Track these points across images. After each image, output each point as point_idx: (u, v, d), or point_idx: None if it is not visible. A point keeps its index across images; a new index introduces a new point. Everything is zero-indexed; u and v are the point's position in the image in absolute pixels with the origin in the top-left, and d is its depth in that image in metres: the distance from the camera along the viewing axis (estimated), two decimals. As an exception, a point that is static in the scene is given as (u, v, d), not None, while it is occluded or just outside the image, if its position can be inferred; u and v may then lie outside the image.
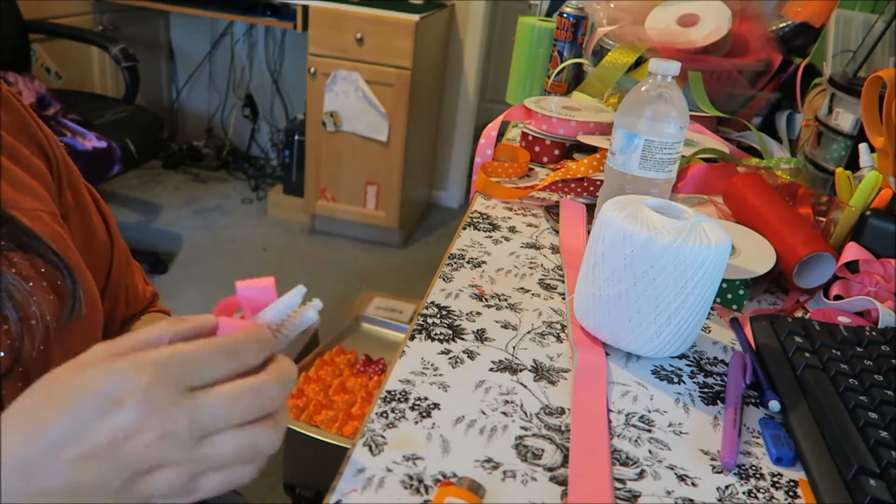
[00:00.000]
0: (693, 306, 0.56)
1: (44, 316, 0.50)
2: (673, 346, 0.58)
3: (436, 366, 0.55)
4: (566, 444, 0.49)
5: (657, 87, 0.69)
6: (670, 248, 0.54)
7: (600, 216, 0.58)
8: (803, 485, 0.47)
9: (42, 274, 0.52)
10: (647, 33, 1.15)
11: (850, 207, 0.73)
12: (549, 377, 0.56)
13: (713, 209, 0.90)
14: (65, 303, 0.53)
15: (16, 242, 0.51)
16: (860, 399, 0.51)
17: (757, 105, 1.19)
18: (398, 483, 0.43)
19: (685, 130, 0.70)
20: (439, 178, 3.32)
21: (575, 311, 0.62)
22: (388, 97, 2.59)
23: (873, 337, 0.60)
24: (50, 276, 0.52)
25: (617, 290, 0.56)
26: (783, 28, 1.16)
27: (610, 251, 0.56)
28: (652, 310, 0.56)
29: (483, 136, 1.02)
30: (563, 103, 1.08)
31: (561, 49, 1.26)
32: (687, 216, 0.58)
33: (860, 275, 0.70)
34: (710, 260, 0.54)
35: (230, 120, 3.45)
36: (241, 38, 3.29)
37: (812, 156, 0.96)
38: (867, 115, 0.83)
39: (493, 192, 0.91)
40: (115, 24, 2.89)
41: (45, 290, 0.51)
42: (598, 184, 0.91)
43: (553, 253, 0.78)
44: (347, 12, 2.52)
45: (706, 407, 0.55)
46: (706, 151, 1.00)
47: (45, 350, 0.51)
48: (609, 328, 0.58)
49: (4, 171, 0.53)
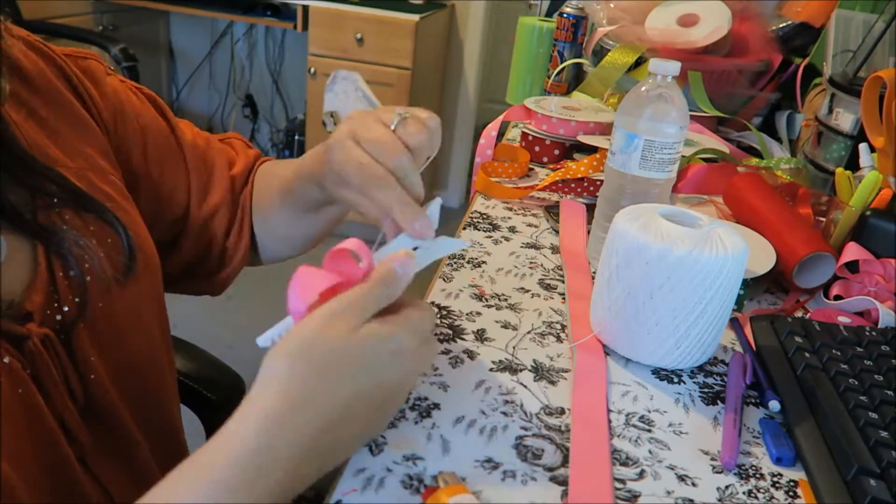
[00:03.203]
0: (712, 316, 0.55)
1: (103, 270, 0.51)
2: (693, 357, 0.57)
3: (436, 366, 0.55)
4: (566, 444, 0.48)
5: (657, 87, 0.69)
6: (687, 258, 0.53)
7: (613, 228, 0.58)
8: (803, 485, 0.47)
9: (92, 232, 0.52)
10: (647, 33, 1.15)
11: (850, 207, 0.73)
12: (549, 377, 0.56)
13: (713, 209, 0.90)
14: (118, 259, 0.53)
15: (69, 201, 0.52)
16: (860, 399, 0.51)
17: (757, 105, 1.19)
18: (398, 483, 0.43)
19: (685, 130, 0.70)
20: (439, 178, 3.32)
21: (591, 323, 0.61)
22: (388, 97, 2.58)
23: (873, 337, 0.60)
24: (101, 234, 0.53)
25: (634, 303, 0.56)
26: (783, 28, 1.16)
27: (625, 264, 0.55)
28: (670, 322, 0.55)
29: (483, 136, 1.02)
30: (563, 103, 1.08)
31: (561, 49, 1.26)
32: (701, 224, 0.57)
33: (860, 275, 0.70)
34: (728, 268, 0.53)
35: (230, 120, 3.45)
36: (241, 38, 3.30)
37: (812, 156, 0.96)
38: (867, 115, 0.83)
39: (493, 192, 0.91)
40: (115, 24, 2.89)
41: (96, 247, 0.52)
42: (598, 184, 0.91)
43: (553, 253, 0.78)
44: (347, 12, 2.52)
45: (706, 407, 0.54)
46: (706, 151, 1.00)
47: (107, 305, 0.52)
48: (627, 341, 0.58)
49: (48, 128, 0.54)
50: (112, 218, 0.54)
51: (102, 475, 0.52)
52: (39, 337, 0.47)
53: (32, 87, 0.54)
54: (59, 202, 0.51)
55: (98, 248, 0.52)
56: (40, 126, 0.53)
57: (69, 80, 0.58)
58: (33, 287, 0.48)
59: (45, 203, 0.50)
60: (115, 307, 0.53)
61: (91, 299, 0.51)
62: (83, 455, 0.50)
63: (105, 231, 0.53)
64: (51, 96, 0.55)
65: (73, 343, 0.49)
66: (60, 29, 2.47)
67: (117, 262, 0.53)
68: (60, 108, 0.56)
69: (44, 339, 0.47)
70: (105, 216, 0.53)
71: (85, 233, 0.52)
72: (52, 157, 0.52)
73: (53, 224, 0.50)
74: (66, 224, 0.51)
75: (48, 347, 0.47)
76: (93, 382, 0.51)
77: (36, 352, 0.46)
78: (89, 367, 0.50)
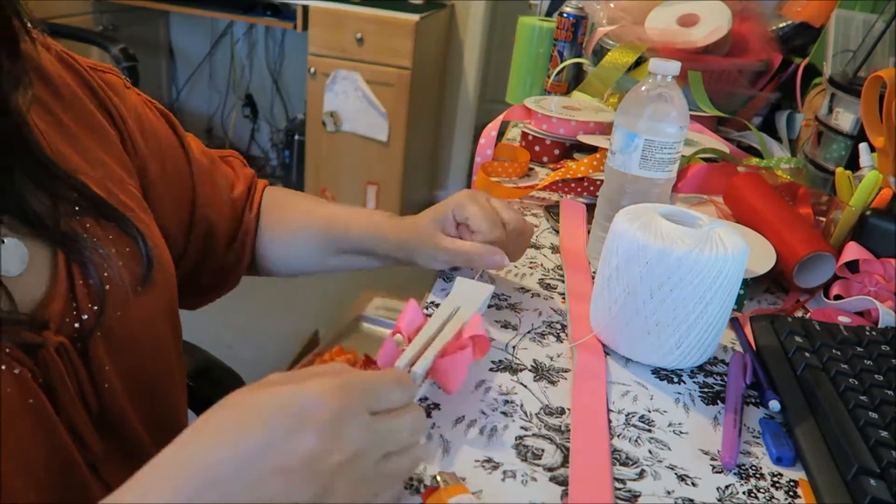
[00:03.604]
0: (713, 315, 0.55)
1: (121, 279, 0.51)
2: (694, 357, 0.57)
3: (436, 366, 0.55)
4: (566, 444, 0.48)
5: (657, 86, 0.69)
6: (686, 258, 0.53)
7: (613, 228, 0.58)
8: (803, 485, 0.47)
9: (111, 241, 0.53)
10: (647, 33, 1.15)
11: (851, 207, 0.73)
12: (549, 377, 0.56)
13: (713, 209, 0.90)
14: (136, 269, 0.54)
15: (90, 209, 0.52)
16: (860, 399, 0.51)
17: (757, 105, 1.19)
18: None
19: (685, 130, 0.70)
20: (439, 178, 3.32)
21: (591, 323, 0.61)
22: (388, 97, 2.58)
23: (873, 337, 0.60)
24: (120, 243, 0.53)
25: (634, 303, 0.56)
26: (783, 28, 1.16)
27: (625, 264, 0.56)
28: (671, 321, 0.55)
29: (483, 136, 1.02)
30: (563, 103, 1.08)
31: (561, 49, 1.26)
32: (701, 223, 0.57)
33: (860, 275, 0.70)
34: (728, 268, 0.53)
35: (230, 120, 3.45)
36: (241, 38, 3.29)
37: (812, 156, 0.96)
38: (867, 115, 0.83)
39: (493, 192, 0.91)
40: (115, 24, 2.89)
41: (115, 256, 0.52)
42: (598, 184, 0.91)
43: (553, 253, 0.78)
44: (347, 12, 2.52)
45: (706, 407, 0.54)
46: (706, 151, 1.00)
47: (124, 314, 0.52)
48: (628, 341, 0.58)
49: (73, 135, 0.54)
50: (131, 227, 0.54)
51: (113, 481, 0.52)
52: (55, 345, 0.46)
53: (57, 95, 0.54)
54: (81, 210, 0.51)
55: (117, 257, 0.52)
56: (64, 134, 0.53)
57: (94, 92, 0.58)
58: (52, 294, 0.48)
59: (66, 210, 0.50)
60: (132, 316, 0.53)
61: (109, 308, 0.51)
62: (94, 462, 0.50)
63: (124, 240, 0.54)
64: (74, 106, 0.56)
65: (89, 352, 0.49)
66: (60, 29, 2.47)
67: (135, 272, 0.54)
68: (83, 117, 0.56)
69: (59, 348, 0.47)
70: (124, 225, 0.54)
71: (105, 241, 0.52)
72: (74, 166, 0.52)
73: (75, 231, 0.50)
74: (87, 232, 0.51)
75: (62, 356, 0.47)
76: (107, 391, 0.51)
77: (50, 360, 0.46)
78: (104, 375, 0.50)
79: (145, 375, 0.56)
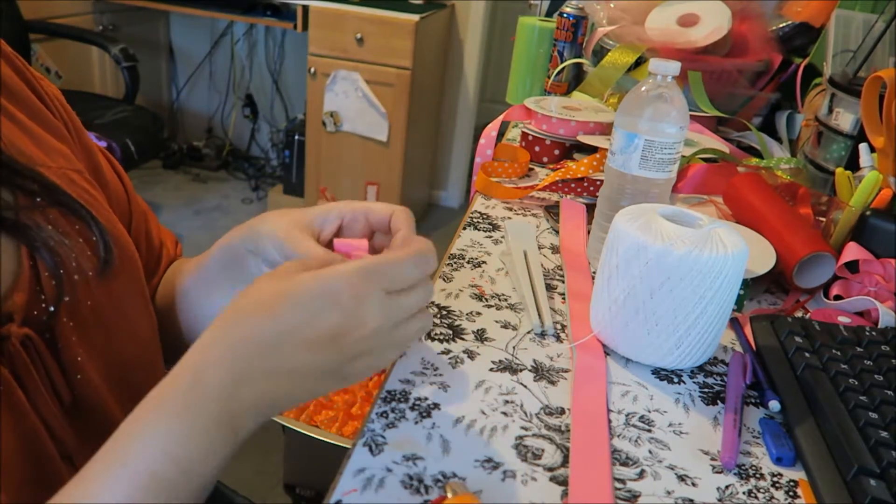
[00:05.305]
0: (712, 315, 0.55)
1: (83, 270, 0.52)
2: (694, 357, 0.57)
3: (436, 366, 0.55)
4: (566, 444, 0.49)
5: (657, 87, 0.69)
6: (686, 258, 0.53)
7: (613, 228, 0.58)
8: (803, 485, 0.48)
9: (77, 231, 0.53)
10: (647, 33, 1.15)
11: (850, 207, 0.73)
12: (549, 377, 0.56)
13: (713, 209, 0.90)
14: (97, 255, 0.54)
15: (50, 199, 0.52)
16: (860, 399, 0.51)
17: (757, 105, 1.19)
18: (398, 483, 0.43)
19: (685, 130, 0.70)
20: (439, 178, 3.32)
21: (592, 323, 0.61)
22: (388, 97, 2.59)
23: (873, 337, 0.60)
24: (85, 233, 0.53)
25: (634, 303, 0.56)
26: (783, 28, 1.16)
27: (624, 264, 0.56)
28: (670, 321, 0.55)
29: (483, 136, 1.02)
30: (563, 103, 1.08)
31: (561, 49, 1.26)
32: (701, 223, 0.57)
33: (860, 275, 0.70)
34: (728, 268, 0.53)
35: (230, 120, 3.45)
36: (241, 38, 3.29)
37: (812, 156, 0.96)
38: (867, 115, 0.83)
39: (493, 192, 0.91)
40: (115, 24, 2.89)
41: (81, 245, 0.52)
42: (598, 184, 0.91)
43: (553, 253, 0.78)
44: (347, 12, 2.52)
45: (706, 407, 0.55)
46: (706, 151, 1.00)
47: (93, 302, 0.52)
48: (627, 341, 0.58)
49: (28, 129, 0.54)
50: (86, 213, 0.54)
51: None
52: (19, 338, 0.46)
53: (7, 90, 0.54)
54: (42, 201, 0.51)
55: (83, 246, 0.52)
56: (19, 128, 0.53)
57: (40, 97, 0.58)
58: (15, 287, 0.48)
59: (27, 202, 0.50)
60: (101, 303, 0.53)
61: (76, 297, 0.51)
62: (69, 453, 0.50)
63: (84, 229, 0.54)
64: (24, 101, 0.56)
65: (59, 343, 0.49)
66: (60, 29, 2.47)
67: (96, 259, 0.54)
68: (35, 114, 0.56)
69: (24, 340, 0.47)
70: (79, 212, 0.53)
71: (69, 231, 0.52)
72: (31, 157, 0.52)
73: (36, 223, 0.50)
74: (50, 223, 0.51)
75: (28, 348, 0.47)
76: (80, 382, 0.51)
77: (15, 353, 0.46)
78: (76, 366, 0.50)
79: (122, 366, 0.55)
